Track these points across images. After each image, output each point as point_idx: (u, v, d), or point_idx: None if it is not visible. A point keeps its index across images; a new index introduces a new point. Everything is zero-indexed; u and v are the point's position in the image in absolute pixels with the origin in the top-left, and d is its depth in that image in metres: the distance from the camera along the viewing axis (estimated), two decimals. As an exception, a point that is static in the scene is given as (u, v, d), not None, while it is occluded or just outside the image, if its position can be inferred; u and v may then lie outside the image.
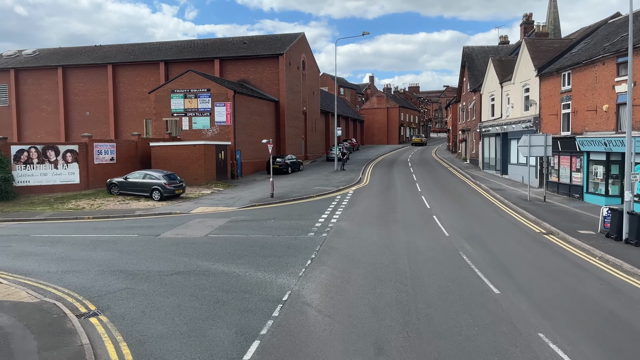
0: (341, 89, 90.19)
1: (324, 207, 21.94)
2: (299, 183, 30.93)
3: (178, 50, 46.40)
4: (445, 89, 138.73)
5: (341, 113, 65.78)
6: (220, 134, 34.46)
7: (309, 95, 49.29)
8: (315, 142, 51.45)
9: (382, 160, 49.97)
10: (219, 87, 34.37)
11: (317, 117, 52.51)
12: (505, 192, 26.68)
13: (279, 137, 42.35)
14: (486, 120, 37.71)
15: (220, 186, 29.65)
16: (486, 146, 38.09)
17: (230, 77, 42.77)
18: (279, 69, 41.80)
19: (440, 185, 29.97)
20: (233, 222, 18.79)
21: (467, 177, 34.35)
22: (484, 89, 38.36)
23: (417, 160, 50.48)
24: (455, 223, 18.39)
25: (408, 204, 22.97)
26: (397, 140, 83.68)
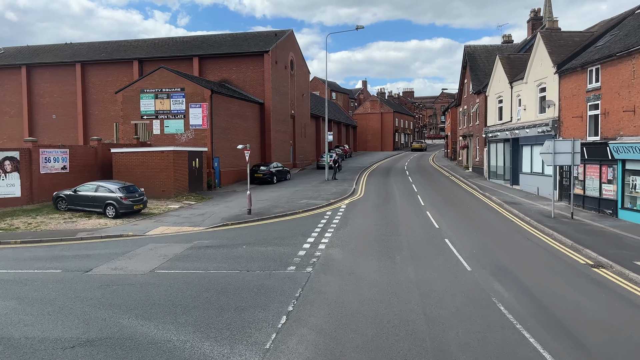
0: (333, 94, 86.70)
1: (310, 227, 18.04)
2: (284, 195, 27.01)
3: (154, 47, 42.45)
4: (440, 94, 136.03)
5: (333, 117, 62.08)
6: (196, 139, 30.51)
7: (297, 97, 45.51)
8: (304, 148, 47.62)
9: (377, 169, 46.20)
10: (194, 86, 30.46)
11: (307, 122, 48.72)
12: (522, 206, 22.96)
13: (264, 143, 38.46)
14: (493, 124, 34.11)
15: (192, 199, 25.65)
16: (493, 153, 34.46)
17: (211, 76, 38.89)
18: (264, 67, 38.00)
19: (445, 198, 26.21)
20: (194, 250, 14.82)
21: (473, 187, 30.63)
22: (490, 91, 34.80)
23: (414, 168, 46.76)
24: (474, 249, 14.58)
25: (412, 222, 19.14)
26: (392, 146, 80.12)
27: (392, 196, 26.64)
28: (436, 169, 46.22)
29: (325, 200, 24.75)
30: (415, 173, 40.97)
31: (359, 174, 39.83)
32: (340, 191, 28.34)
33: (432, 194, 27.61)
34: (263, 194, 27.56)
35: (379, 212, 21.43)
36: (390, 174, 40.46)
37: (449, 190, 29.97)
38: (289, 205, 23.21)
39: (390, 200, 25.01)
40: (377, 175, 39.52)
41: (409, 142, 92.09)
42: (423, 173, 41.26)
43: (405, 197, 26.41)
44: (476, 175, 37.91)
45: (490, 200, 25.42)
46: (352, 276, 11.85)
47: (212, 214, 21.14)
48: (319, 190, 29.10)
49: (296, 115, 45.05)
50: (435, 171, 43.46)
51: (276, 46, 39.15)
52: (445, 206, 23.37)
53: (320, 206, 23.00)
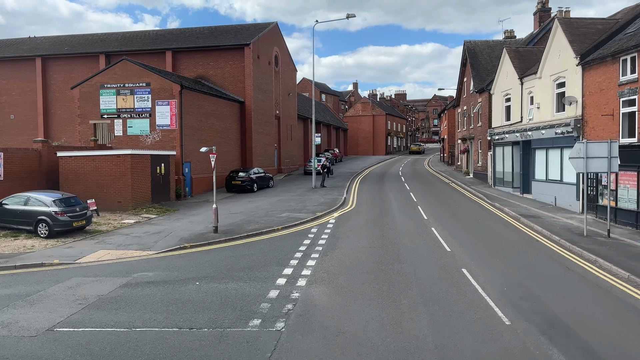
0: (322, 95, 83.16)
1: (290, 251, 14.25)
2: (263, 206, 23.18)
3: (124, 41, 38.47)
4: (433, 97, 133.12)
5: (322, 119, 58.40)
6: (164, 141, 26.60)
7: (283, 96, 41.76)
8: (291, 152, 43.83)
9: (370, 174, 42.53)
10: (162, 80, 26.57)
11: (293, 123, 44.96)
12: (542, 220, 19.38)
13: (244, 146, 34.61)
14: (499, 125, 30.63)
15: (153, 212, 21.72)
16: (499, 158, 30.96)
17: (186, 72, 35.01)
18: (245, 62, 34.21)
19: (450, 210, 22.57)
20: (128, 288, 10.95)
21: (478, 196, 27.06)
22: (496, 88, 31.34)
23: (410, 173, 43.17)
24: (505, 286, 10.90)
25: (416, 242, 15.43)
26: (384, 150, 76.62)
27: (388, 207, 22.94)
28: (433, 174, 42.68)
29: (310, 213, 20.97)
30: (412, 179, 37.36)
31: (350, 180, 36.12)
32: (328, 201, 24.59)
33: (435, 205, 23.97)
34: (238, 205, 23.70)
35: (375, 229, 17.69)
36: (384, 180, 36.81)
37: (453, 199, 26.36)
38: (267, 219, 19.39)
39: (387, 213, 21.30)
40: (371, 181, 35.85)
41: (401, 146, 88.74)
42: (420, 179, 37.66)
43: (404, 208, 22.73)
44: (479, 182, 34.39)
45: (502, 213, 21.82)
46: (341, 338, 8.08)
47: (170, 232, 17.24)
48: (304, 200, 25.32)
49: (281, 115, 41.27)
50: (433, 177, 39.91)
51: (258, 39, 35.41)
52: (452, 220, 19.71)
53: (305, 221, 19.21)
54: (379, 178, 38.70)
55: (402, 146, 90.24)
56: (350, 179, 37.25)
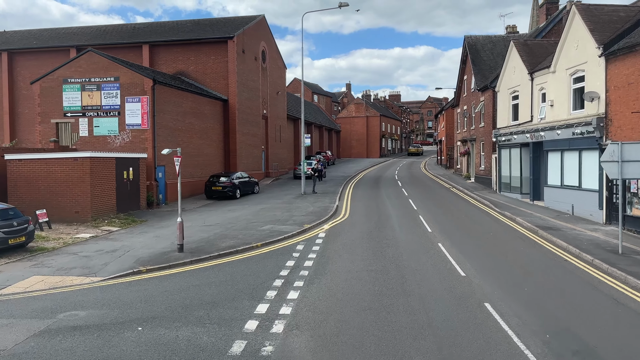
0: (314, 96, 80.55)
1: (268, 278, 11.49)
2: (243, 216, 20.38)
3: (98, 34, 35.57)
4: (427, 98, 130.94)
5: (314, 121, 55.71)
6: (134, 143, 23.75)
7: (271, 95, 39.00)
8: (279, 154, 41.05)
9: (364, 178, 39.86)
10: (132, 74, 23.74)
11: (282, 124, 42.19)
12: (563, 233, 16.77)
13: (228, 148, 31.80)
14: (505, 126, 28.07)
15: (116, 223, 18.84)
16: (505, 161, 28.38)
17: (164, 67, 32.19)
18: (228, 57, 31.45)
19: (456, 220, 19.90)
20: (44, 338, 8.12)
21: (484, 204, 24.46)
22: (501, 85, 28.80)
23: (406, 177, 40.56)
24: (547, 332, 8.21)
25: (423, 265, 12.71)
26: (379, 153, 74.04)
27: (386, 217, 20.24)
28: (431, 178, 40.10)
29: (297, 224, 18.20)
30: (409, 184, 34.73)
31: (342, 185, 33.41)
32: (319, 210, 21.85)
33: (438, 214, 21.31)
34: (216, 215, 20.88)
35: (372, 246, 14.96)
36: (380, 185, 34.14)
37: (457, 207, 23.73)
38: (245, 233, 16.59)
39: (384, 225, 18.59)
40: (365, 186, 33.15)
41: (396, 149, 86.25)
42: (418, 184, 35.04)
43: (404, 218, 20.04)
44: (482, 187, 31.80)
45: (515, 223, 19.20)
46: None
47: (127, 250, 14.40)
48: (291, 208, 22.55)
49: (269, 115, 38.50)
50: (432, 181, 37.31)
51: (243, 32, 32.65)
52: (460, 234, 17.04)
53: (290, 235, 16.44)
54: (374, 183, 36.03)
55: (397, 148, 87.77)
56: (343, 183, 34.53)
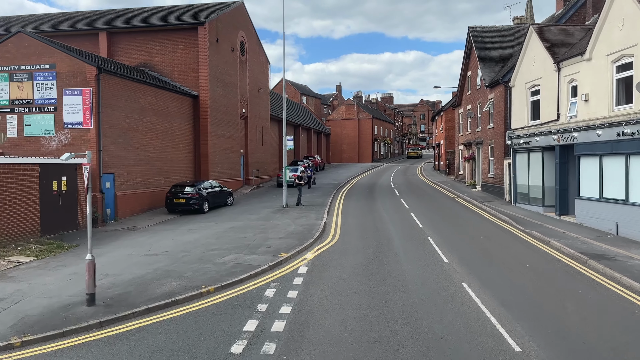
0: (303, 98, 76.39)
1: (210, 358, 7.11)
2: (203, 240, 15.89)
3: (48, 22, 30.98)
4: (420, 101, 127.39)
5: (301, 122, 51.40)
6: (74, 145, 19.21)
7: (252, 92, 34.61)
8: (261, 159, 36.61)
9: (357, 186, 35.55)
10: (71, 61, 19.23)
11: (265, 125, 37.77)
12: (621, 264, 12.57)
13: (198, 152, 27.32)
14: (522, 126, 23.95)
15: (32, 251, 14.26)
16: (522, 167, 24.26)
17: (126, 59, 27.70)
18: (199, 46, 27.04)
19: (475, 243, 15.61)
20: None
21: (501, 219, 20.29)
22: (517, 79, 24.71)
23: (403, 185, 36.35)
24: None
25: (452, 330, 8.34)
26: (371, 157, 69.85)
27: (387, 240, 15.91)
28: (431, 186, 35.94)
29: (271, 253, 13.79)
30: (408, 193, 30.50)
31: (332, 195, 29.05)
32: (302, 229, 17.45)
33: (449, 234, 17.04)
34: (170, 238, 16.37)
35: (373, 291, 10.60)
36: (374, 194, 29.85)
37: (469, 223, 19.48)
38: (197, 269, 12.13)
39: (386, 252, 14.25)
40: (358, 196, 28.83)
41: (389, 153, 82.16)
42: (418, 193, 30.81)
43: (409, 241, 15.73)
44: (492, 197, 27.66)
45: (551, 248, 14.98)
46: None
47: (15, 301, 9.86)
48: (267, 227, 18.12)
49: (250, 115, 34.07)
50: (432, 190, 33.13)
51: (217, 18, 28.26)
52: (486, 266, 12.77)
53: (259, 270, 12.01)
54: (367, 191, 31.73)
55: (390, 153, 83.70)
56: (332, 193, 30.17)
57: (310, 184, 34.67)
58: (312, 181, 35.32)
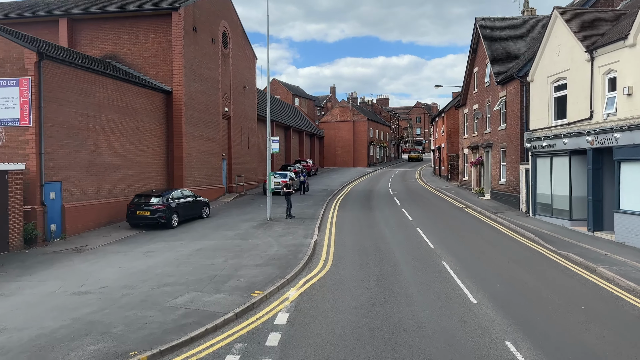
0: (296, 99, 73.21)
1: None
2: (158, 269, 12.46)
3: (8, 9, 27.48)
4: (415, 104, 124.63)
5: (292, 124, 48.11)
6: (10, 148, 15.79)
7: (236, 89, 31.28)
8: (247, 164, 33.21)
9: (352, 194, 32.25)
10: (6, 44, 15.83)
11: (252, 126, 34.42)
12: None
13: (171, 155, 23.94)
14: (544, 126, 20.77)
15: None
16: (542, 173, 21.09)
17: (90, 49, 24.33)
18: (173, 35, 23.70)
19: (504, 273, 12.32)
20: None
21: (524, 235, 17.08)
22: (537, 73, 21.54)
23: (403, 192, 33.12)
24: None
25: None
26: (366, 161, 66.60)
27: (392, 268, 12.60)
28: (434, 193, 32.74)
29: (241, 290, 10.41)
30: (410, 202, 27.27)
31: (325, 204, 25.73)
32: (286, 253, 14.10)
33: (468, 258, 13.76)
34: (115, 265, 12.91)
35: (379, 356, 7.28)
36: (372, 203, 26.57)
37: (488, 241, 16.23)
38: (133, 319, 8.74)
39: (393, 287, 10.94)
40: (354, 206, 25.54)
41: (384, 157, 78.96)
42: (420, 202, 27.57)
43: (422, 270, 12.43)
44: (505, 207, 24.47)
45: (603, 281, 11.73)
46: None
47: None
48: (243, 248, 14.74)
49: (233, 115, 30.71)
50: (436, 198, 29.91)
51: (194, 4, 24.95)
52: (528, 305, 9.51)
53: (219, 323, 8.60)
54: (364, 200, 28.45)
55: (386, 157, 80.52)
56: (325, 202, 26.86)
57: (303, 191, 31.43)
58: (305, 187, 32.09)
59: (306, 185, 32.59)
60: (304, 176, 32.99)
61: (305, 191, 32.29)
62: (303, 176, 32.95)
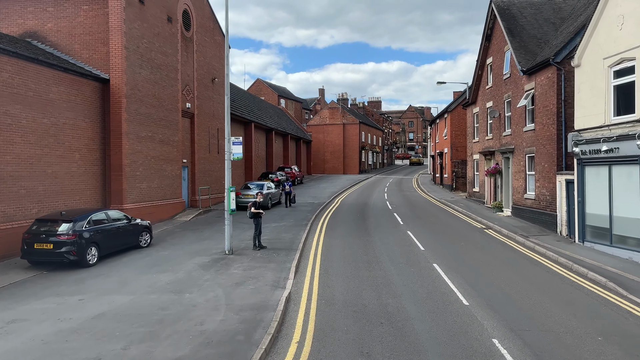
0: (281, 100, 67.96)
1: None
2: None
3: None
4: (408, 108, 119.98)
5: (275, 126, 42.76)
6: None
7: (203, 82, 25.84)
8: (217, 172, 27.62)
9: (343, 208, 26.87)
10: None
11: (221, 127, 28.92)
12: None
13: (108, 163, 18.40)
14: (596, 126, 15.61)
15: None
16: (595, 187, 15.94)
17: (6, 25, 18.84)
18: (109, 5, 18.25)
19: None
20: None
21: (601, 284, 11.84)
22: (587, 55, 16.40)
23: (403, 205, 27.87)
24: None
25: None
26: (358, 168, 61.37)
27: (415, 354, 7.26)
28: (440, 207, 27.53)
29: None
30: (414, 219, 22.02)
31: (309, 224, 20.33)
32: (235, 325, 8.67)
33: (528, 327, 8.42)
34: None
35: None
36: (369, 223, 21.22)
37: (545, 291, 10.94)
38: None
39: None
40: (346, 227, 20.17)
41: (377, 163, 73.79)
42: (428, 219, 22.28)
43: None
44: (536, 229, 19.29)
45: None
46: None
47: None
48: (168, 315, 9.27)
49: (198, 112, 25.25)
50: (444, 213, 24.69)
51: (142, -31, 19.51)
52: None
53: None
54: (358, 217, 23.11)
55: (379, 163, 75.33)
56: (310, 219, 21.47)
57: (288, 202, 26.36)
58: (291, 199, 26.92)
59: (292, 196, 27.33)
60: (289, 185, 27.69)
61: (292, 203, 27.06)
62: (288, 185, 27.66)
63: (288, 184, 27.84)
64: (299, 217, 22.37)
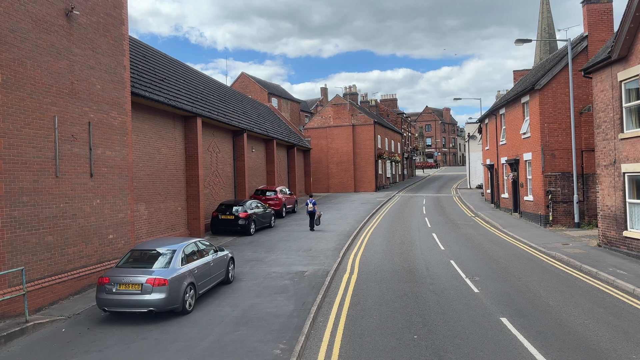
0: (273, 100, 53.85)
1: None
2: None
3: None
4: (425, 109, 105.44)
5: (247, 126, 28.15)
6: None
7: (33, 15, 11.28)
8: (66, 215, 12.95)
9: (367, 292, 11.94)
10: None
11: (106, 120, 14.26)
12: None
13: None
14: None
15: None
16: None
17: None
18: None
19: None
20: None
21: None
22: None
23: (487, 270, 12.93)
24: None
25: None
26: (374, 184, 46.61)
27: None
28: (573, 274, 12.69)
29: None
30: (551, 339, 7.23)
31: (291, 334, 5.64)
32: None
33: None
34: None
35: None
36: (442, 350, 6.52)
37: None
38: None
39: None
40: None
41: (397, 176, 58.94)
42: (581, 343, 7.49)
43: None
44: None
45: None
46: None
47: None
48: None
49: (12, 82, 10.64)
50: (604, 301, 9.87)
51: None
52: None
53: None
54: (412, 333, 8.29)
55: (398, 175, 60.46)
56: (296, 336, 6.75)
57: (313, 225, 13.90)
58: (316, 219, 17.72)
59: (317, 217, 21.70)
60: (312, 203, 21.94)
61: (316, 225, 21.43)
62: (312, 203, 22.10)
63: (311, 201, 22.19)
64: (275, 294, 7.70)
